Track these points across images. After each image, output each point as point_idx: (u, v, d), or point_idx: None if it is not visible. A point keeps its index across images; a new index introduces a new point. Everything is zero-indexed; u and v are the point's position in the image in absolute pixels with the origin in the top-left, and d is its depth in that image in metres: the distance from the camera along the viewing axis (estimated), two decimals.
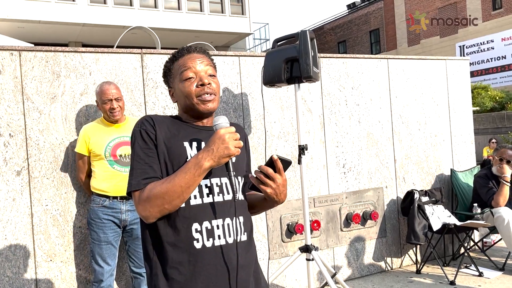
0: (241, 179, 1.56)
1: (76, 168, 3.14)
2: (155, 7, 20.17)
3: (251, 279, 1.51)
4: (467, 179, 4.86)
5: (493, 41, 21.97)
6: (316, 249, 3.37)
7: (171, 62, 1.57)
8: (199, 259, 1.41)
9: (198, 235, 1.41)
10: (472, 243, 4.84)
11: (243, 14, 22.20)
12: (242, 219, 1.50)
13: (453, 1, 23.80)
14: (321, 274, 4.03)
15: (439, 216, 4.36)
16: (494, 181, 4.45)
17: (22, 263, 3.05)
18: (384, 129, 4.51)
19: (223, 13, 21.65)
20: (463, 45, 23.13)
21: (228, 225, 1.45)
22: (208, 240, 1.42)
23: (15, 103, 3.07)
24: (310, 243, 3.39)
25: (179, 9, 20.67)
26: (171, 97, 1.59)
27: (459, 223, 4.30)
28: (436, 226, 4.26)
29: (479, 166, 5.10)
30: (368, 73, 4.45)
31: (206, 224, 1.42)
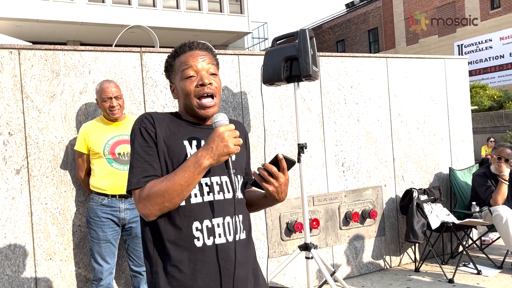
0: (241, 177, 1.55)
1: (75, 166, 3.14)
2: (154, 6, 20.14)
3: (250, 277, 1.51)
4: (466, 178, 4.87)
5: (491, 40, 22.01)
6: (315, 247, 3.38)
7: (172, 57, 1.55)
8: (200, 257, 1.41)
9: (198, 234, 1.41)
10: (470, 242, 4.85)
11: (241, 13, 22.18)
12: (241, 217, 1.51)
13: (452, 0, 23.83)
14: (320, 272, 4.04)
15: (437, 214, 4.37)
16: (492, 179, 4.47)
17: (21, 261, 3.05)
18: (383, 127, 4.52)
19: (221, 12, 21.63)
20: (461, 44, 23.16)
21: (228, 223, 1.46)
22: (208, 238, 1.42)
23: (14, 101, 3.07)
24: (309, 241, 3.40)
25: (177, 8, 20.64)
26: (172, 92, 1.58)
27: (457, 222, 4.32)
28: (434, 224, 4.27)
29: (477, 164, 5.12)
30: (367, 72, 4.46)
31: (206, 222, 1.42)
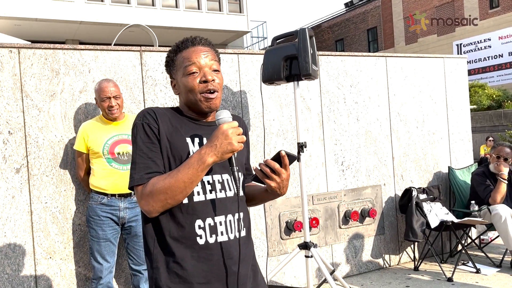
0: (241, 174, 1.56)
1: (75, 165, 3.15)
2: (153, 5, 20.13)
3: (249, 273, 1.52)
4: (465, 177, 4.88)
5: (490, 40, 22.03)
6: (314, 246, 3.39)
7: (174, 53, 1.53)
8: (202, 255, 1.42)
9: (201, 232, 1.42)
10: (469, 240, 4.87)
11: (240, 12, 22.17)
12: (242, 215, 1.51)
13: (451, 0, 23.84)
14: (319, 271, 4.05)
15: (436, 213, 4.38)
16: (491, 178, 4.48)
17: (21, 260, 3.05)
18: (382, 127, 4.52)
19: (220, 11, 21.62)
20: (460, 44, 23.18)
21: (230, 221, 1.47)
22: (211, 236, 1.43)
23: (14, 100, 3.07)
24: (308, 240, 3.41)
25: (176, 7, 20.63)
26: (172, 88, 1.57)
27: (456, 220, 4.32)
28: (434, 223, 4.28)
29: (476, 164, 5.13)
30: (366, 71, 4.46)
31: (209, 220, 1.43)
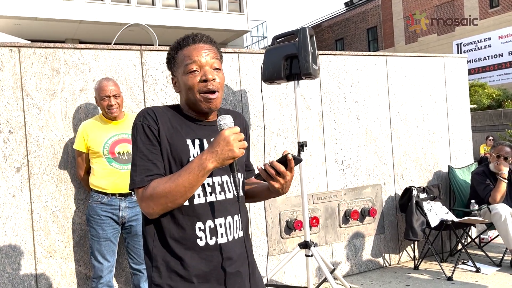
0: (241, 175, 1.56)
1: (75, 164, 3.15)
2: (153, 4, 20.12)
3: (248, 272, 1.53)
4: (465, 176, 4.89)
5: (490, 39, 22.03)
6: (315, 245, 3.39)
7: (175, 50, 1.51)
8: (202, 256, 1.43)
9: (201, 234, 1.43)
10: (469, 240, 4.87)
11: (240, 11, 22.17)
12: (241, 216, 1.52)
13: None
14: (320, 270, 4.05)
15: (436, 212, 4.38)
16: (491, 178, 4.48)
17: (22, 259, 3.05)
18: (382, 126, 4.52)
19: (220, 10, 21.62)
20: (460, 43, 23.18)
21: (229, 223, 1.47)
22: (211, 238, 1.44)
23: (14, 99, 3.07)
24: (309, 239, 3.41)
25: (176, 6, 20.62)
26: (173, 86, 1.56)
27: (456, 220, 4.33)
28: (434, 222, 4.29)
29: (476, 163, 5.13)
30: (366, 70, 4.47)
31: (209, 223, 1.44)
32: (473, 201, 4.49)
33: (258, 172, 1.48)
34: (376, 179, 4.47)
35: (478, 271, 4.21)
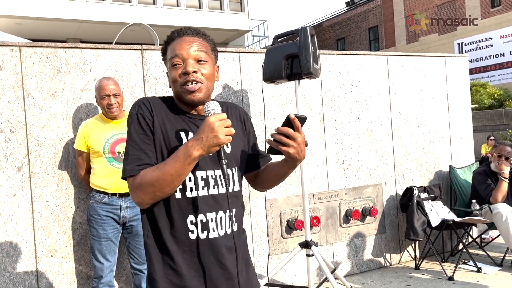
0: (236, 169, 1.54)
1: (76, 164, 3.15)
2: (154, 4, 20.13)
3: (241, 267, 1.54)
4: (466, 176, 4.88)
5: (491, 39, 21.99)
6: (315, 245, 3.39)
7: (166, 45, 1.52)
8: (193, 249, 1.44)
9: (193, 227, 1.44)
10: (470, 239, 4.87)
11: (242, 11, 22.16)
12: (234, 210, 1.52)
13: None
14: (320, 269, 4.05)
15: (438, 212, 4.38)
16: (492, 177, 4.47)
17: (23, 258, 3.06)
18: (383, 125, 4.52)
19: (221, 10, 21.62)
20: (462, 43, 23.14)
21: (221, 218, 1.47)
22: (202, 232, 1.44)
23: (15, 99, 3.07)
24: (309, 239, 3.41)
25: (177, 6, 20.63)
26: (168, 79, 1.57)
27: (457, 219, 4.32)
28: (435, 222, 4.28)
29: (477, 163, 5.13)
30: (367, 70, 4.46)
31: (201, 217, 1.44)
32: (474, 201, 4.49)
33: (269, 146, 1.45)
34: (377, 178, 4.47)
35: (479, 271, 4.20)
